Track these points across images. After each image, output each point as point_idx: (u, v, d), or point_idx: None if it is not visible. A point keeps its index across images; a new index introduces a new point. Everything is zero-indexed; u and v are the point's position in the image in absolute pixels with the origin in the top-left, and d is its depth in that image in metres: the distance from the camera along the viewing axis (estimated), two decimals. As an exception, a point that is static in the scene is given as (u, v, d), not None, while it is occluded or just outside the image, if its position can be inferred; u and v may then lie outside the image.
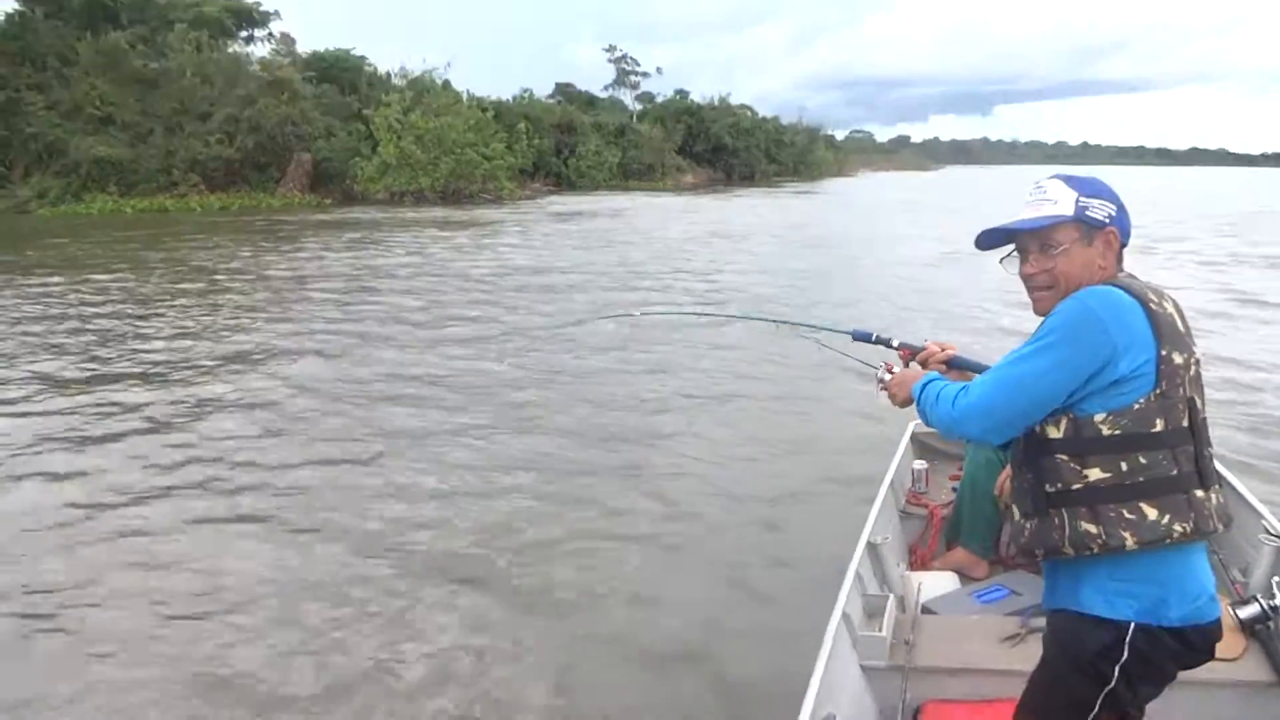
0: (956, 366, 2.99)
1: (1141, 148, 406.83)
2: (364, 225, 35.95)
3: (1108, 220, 2.47)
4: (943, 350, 3.04)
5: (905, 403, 2.83)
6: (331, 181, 52.24)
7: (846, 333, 3.51)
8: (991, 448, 4.69)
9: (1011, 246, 2.61)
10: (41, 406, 10.45)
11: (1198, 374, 2.45)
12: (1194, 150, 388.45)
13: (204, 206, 46.37)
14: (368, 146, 52.47)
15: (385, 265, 23.10)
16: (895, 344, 3.22)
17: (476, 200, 51.64)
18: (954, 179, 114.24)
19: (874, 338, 3.36)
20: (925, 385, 2.70)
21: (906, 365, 3.10)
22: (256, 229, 34.69)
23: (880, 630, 3.83)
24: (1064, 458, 2.37)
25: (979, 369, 2.92)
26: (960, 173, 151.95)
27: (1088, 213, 2.47)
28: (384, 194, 51.14)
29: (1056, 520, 2.39)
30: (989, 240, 2.64)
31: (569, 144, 67.94)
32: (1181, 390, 2.36)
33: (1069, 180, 2.53)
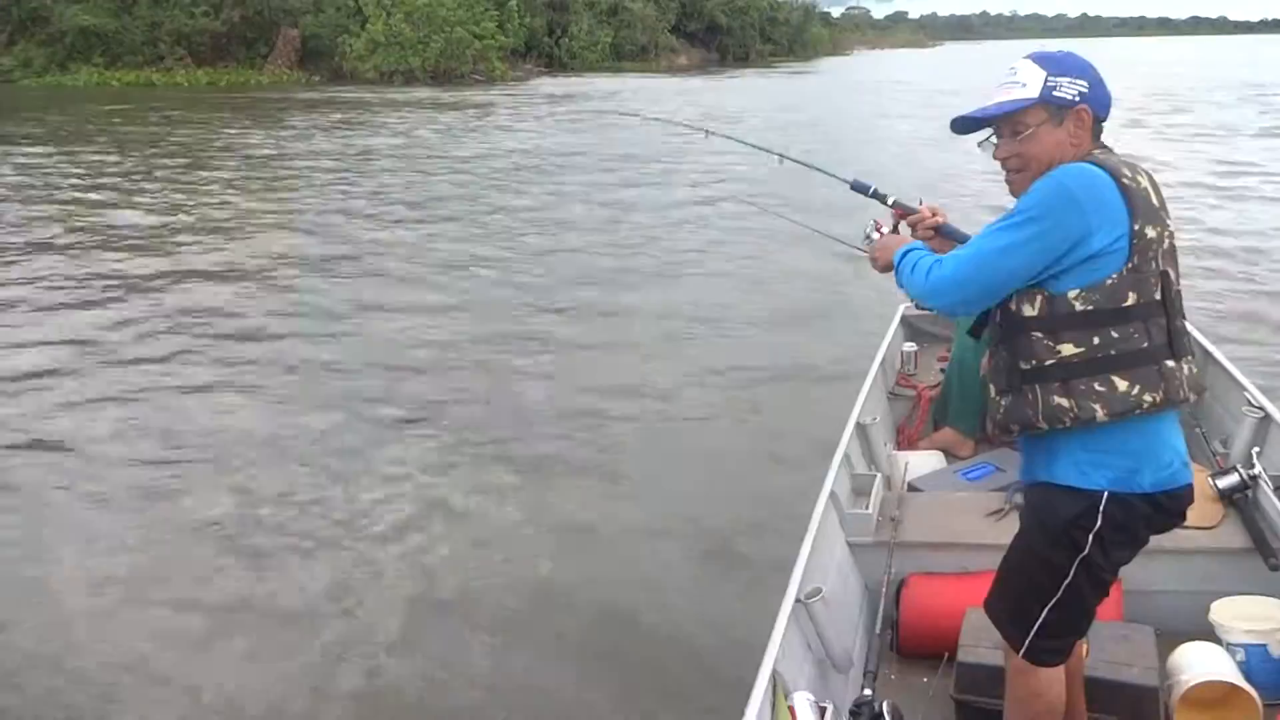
0: (944, 234, 3.00)
1: (1142, 18, 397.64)
2: (353, 105, 35.48)
3: (1077, 98, 2.45)
4: (933, 215, 3.03)
5: (886, 268, 2.83)
6: (320, 59, 51.32)
7: (846, 180, 3.45)
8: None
9: (989, 131, 2.61)
10: (26, 272, 10.60)
11: (1172, 246, 2.47)
12: (1194, 19, 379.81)
13: (191, 81, 45.72)
14: (356, 23, 51.43)
15: (373, 146, 22.92)
16: (890, 201, 3.19)
17: (467, 81, 50.75)
18: (951, 56, 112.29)
19: (871, 190, 3.30)
20: (905, 254, 2.72)
21: (896, 226, 3.10)
22: (242, 106, 34.23)
23: (867, 508, 3.94)
24: (1039, 334, 2.41)
25: (965, 239, 2.92)
26: (958, 49, 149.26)
27: (1055, 93, 2.45)
28: (373, 73, 50.23)
29: (1030, 396, 2.44)
30: (964, 126, 2.64)
31: (561, 23, 66.53)
32: (1154, 264, 2.38)
33: (1040, 59, 2.50)
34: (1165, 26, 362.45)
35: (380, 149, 22.26)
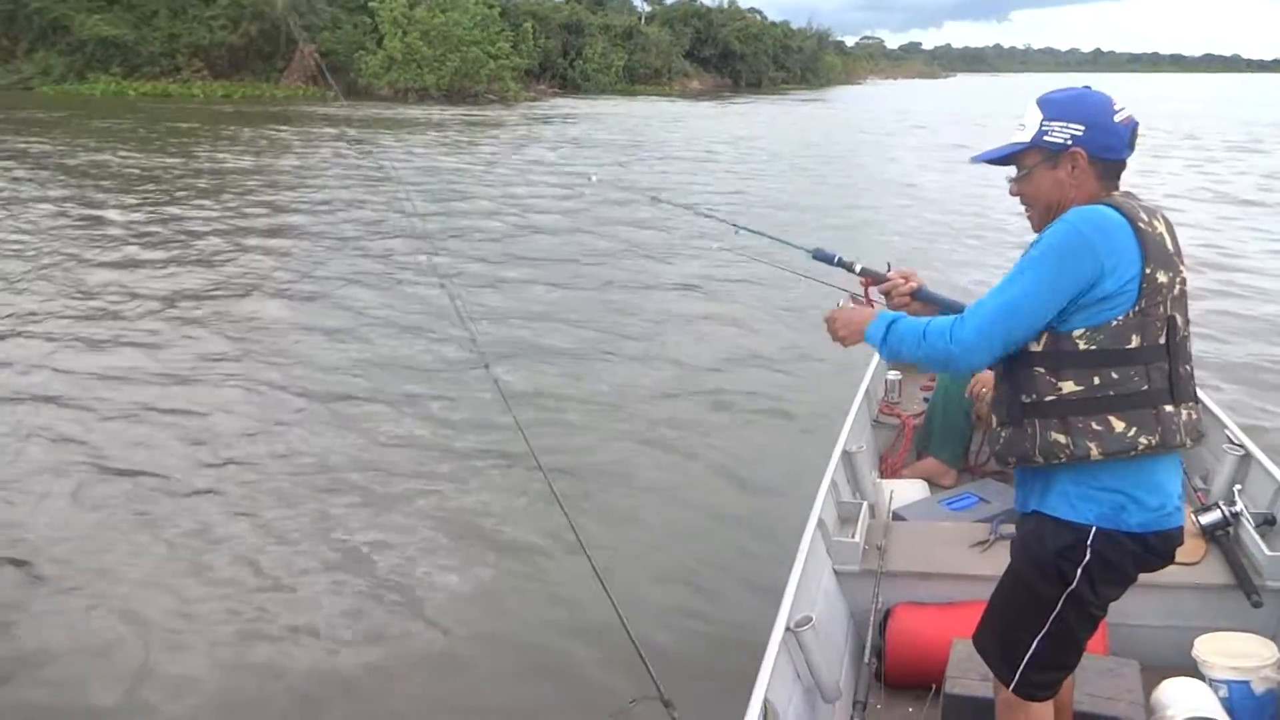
0: (922, 299, 3.00)
1: (1156, 54, 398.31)
2: (369, 122, 35.63)
3: (1069, 142, 2.49)
4: (906, 282, 3.00)
5: (852, 342, 2.73)
6: (336, 74, 51.48)
7: (807, 250, 3.25)
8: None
9: (1013, 167, 2.66)
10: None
11: (1182, 293, 2.50)
12: (1208, 56, 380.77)
13: (207, 93, 46.16)
14: (373, 41, 51.79)
15: (393, 162, 23.09)
16: (857, 269, 3.06)
17: (481, 100, 50.99)
18: (962, 87, 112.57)
19: (835, 259, 3.13)
20: (892, 324, 2.63)
21: (866, 292, 3.03)
22: (259, 119, 34.43)
23: (854, 536, 3.96)
24: (1041, 370, 2.44)
25: (944, 302, 2.96)
26: (970, 81, 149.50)
27: (1046, 137, 2.51)
28: (388, 90, 50.59)
29: (1029, 429, 2.47)
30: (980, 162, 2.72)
31: (575, 45, 66.83)
32: (1162, 308, 2.41)
33: (1043, 102, 2.56)
34: (1178, 63, 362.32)
35: (398, 164, 22.42)
